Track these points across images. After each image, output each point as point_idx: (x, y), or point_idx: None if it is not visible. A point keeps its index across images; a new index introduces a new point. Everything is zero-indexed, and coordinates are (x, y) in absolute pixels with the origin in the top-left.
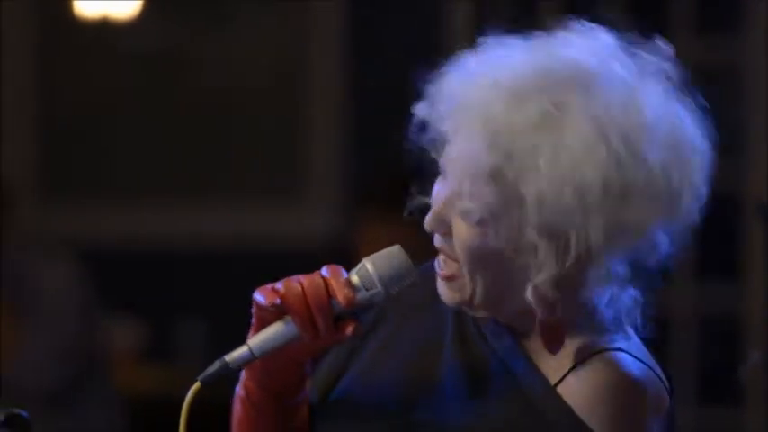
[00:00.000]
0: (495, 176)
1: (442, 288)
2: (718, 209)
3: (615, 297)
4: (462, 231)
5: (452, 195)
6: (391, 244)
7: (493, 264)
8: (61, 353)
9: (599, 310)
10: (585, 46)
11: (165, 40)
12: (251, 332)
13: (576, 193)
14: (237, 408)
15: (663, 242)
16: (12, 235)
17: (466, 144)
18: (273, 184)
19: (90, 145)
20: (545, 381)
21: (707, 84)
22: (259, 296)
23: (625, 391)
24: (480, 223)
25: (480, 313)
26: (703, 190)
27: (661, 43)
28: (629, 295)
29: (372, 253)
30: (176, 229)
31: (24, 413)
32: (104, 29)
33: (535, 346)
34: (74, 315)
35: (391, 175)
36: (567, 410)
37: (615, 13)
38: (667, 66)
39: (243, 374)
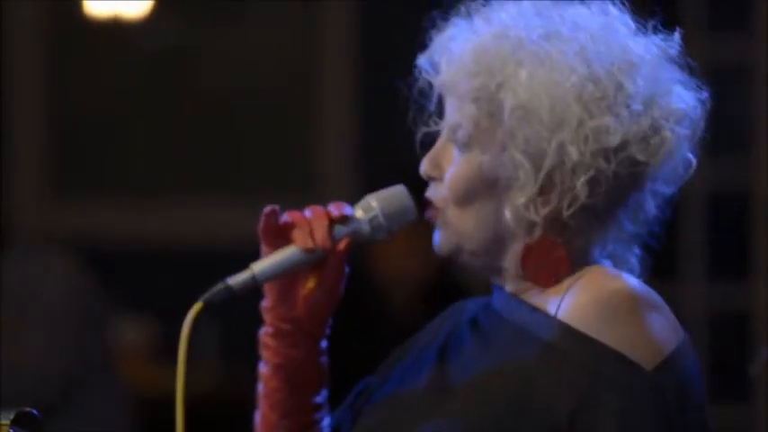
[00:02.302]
0: (480, 92)
1: (435, 236)
2: (729, 207)
3: (610, 248)
4: (452, 164)
5: (446, 132)
6: (402, 243)
7: (480, 194)
8: (63, 353)
9: (597, 259)
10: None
11: (175, 40)
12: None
13: (553, 104)
14: (259, 404)
15: (649, 201)
16: (16, 235)
17: (455, 74)
18: (284, 184)
19: (100, 144)
20: (547, 315)
21: (717, 83)
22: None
23: (616, 291)
24: (468, 145)
25: (475, 264)
26: (688, 154)
27: (674, 34)
28: (625, 248)
29: (383, 254)
30: (187, 228)
31: (35, 411)
32: (114, 28)
33: (538, 298)
34: (76, 315)
35: (403, 173)
36: (570, 330)
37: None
38: (671, 46)
39: (260, 362)
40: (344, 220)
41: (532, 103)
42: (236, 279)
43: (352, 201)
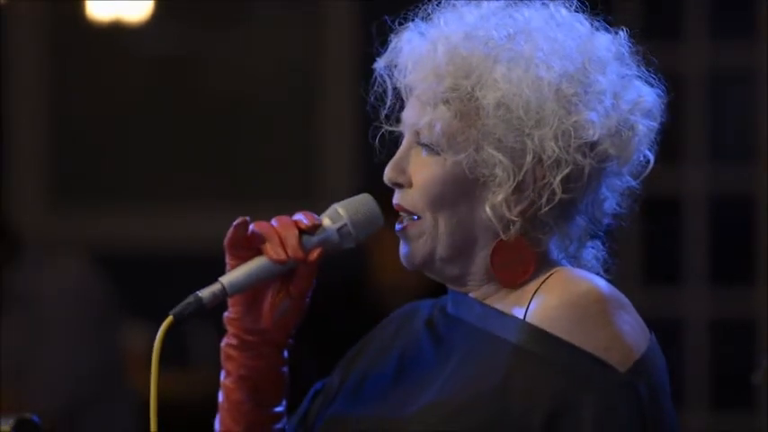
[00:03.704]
0: (453, 92)
1: (405, 248)
2: (732, 212)
3: (570, 247)
4: (422, 168)
5: (411, 136)
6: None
7: (454, 196)
8: (89, 356)
9: (558, 258)
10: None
11: (177, 44)
12: None
13: (532, 101)
14: (220, 417)
15: (609, 197)
16: (23, 242)
17: (425, 76)
18: (285, 188)
19: (102, 148)
20: (516, 319)
21: (721, 88)
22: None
23: (585, 293)
24: (439, 146)
25: (444, 271)
26: (647, 151)
27: (620, 32)
28: (588, 250)
29: (383, 257)
30: (187, 233)
31: (35, 418)
32: (117, 32)
33: (503, 302)
34: (95, 319)
35: None
36: (540, 333)
37: (629, 19)
38: (623, 44)
39: (222, 375)
40: (315, 229)
41: (511, 100)
42: (206, 292)
43: None
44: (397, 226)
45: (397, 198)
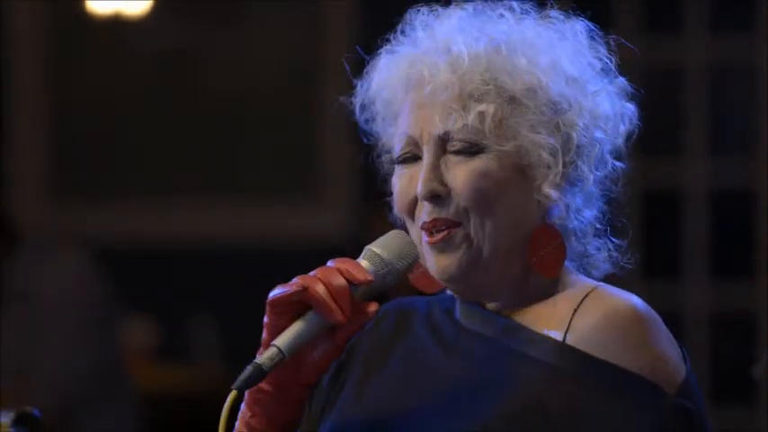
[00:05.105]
0: (486, 86)
1: (443, 259)
2: (732, 206)
3: (586, 251)
4: (463, 170)
5: (436, 146)
6: None
7: (500, 188)
8: (90, 351)
9: (572, 268)
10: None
11: (176, 40)
12: (265, 336)
13: (560, 84)
14: None
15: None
16: (23, 238)
17: (447, 79)
18: (286, 184)
19: (102, 144)
20: (553, 340)
21: (721, 82)
22: (278, 290)
23: (624, 312)
24: (483, 143)
25: (477, 280)
26: (621, 148)
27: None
28: (597, 247)
29: None
30: (187, 228)
31: (36, 412)
32: (115, 28)
33: (529, 317)
34: (95, 313)
35: None
36: (584, 356)
37: (628, 13)
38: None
39: (246, 413)
40: (367, 284)
41: (540, 84)
42: (264, 359)
43: (353, 199)
44: (428, 237)
45: (434, 213)
